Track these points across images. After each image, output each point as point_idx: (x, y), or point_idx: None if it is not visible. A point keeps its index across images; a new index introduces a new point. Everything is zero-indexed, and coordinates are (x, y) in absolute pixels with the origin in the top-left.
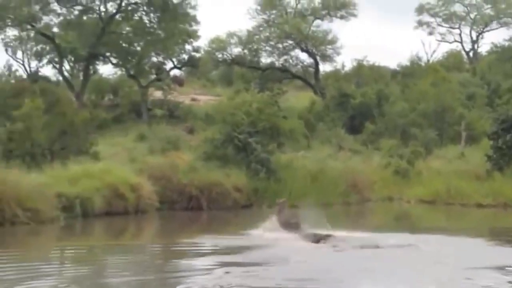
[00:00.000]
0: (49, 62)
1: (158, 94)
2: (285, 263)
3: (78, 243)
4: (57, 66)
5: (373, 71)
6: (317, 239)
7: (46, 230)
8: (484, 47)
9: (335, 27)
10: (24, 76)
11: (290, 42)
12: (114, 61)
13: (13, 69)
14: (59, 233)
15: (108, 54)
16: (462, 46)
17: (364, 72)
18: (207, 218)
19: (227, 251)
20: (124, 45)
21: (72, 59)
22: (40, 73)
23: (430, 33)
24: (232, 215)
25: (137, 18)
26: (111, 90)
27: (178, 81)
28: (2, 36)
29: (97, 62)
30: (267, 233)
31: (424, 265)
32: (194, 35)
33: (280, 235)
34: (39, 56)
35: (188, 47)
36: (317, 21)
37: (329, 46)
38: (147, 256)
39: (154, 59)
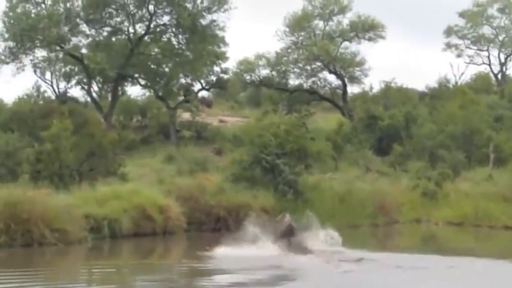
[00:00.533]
0: (78, 83)
1: (186, 115)
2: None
3: (105, 263)
4: (86, 87)
5: (401, 93)
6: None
7: (74, 251)
8: None
9: (363, 48)
10: (53, 97)
11: (318, 64)
12: (143, 82)
13: (42, 90)
14: (86, 253)
15: (136, 75)
16: (491, 68)
17: (392, 94)
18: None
19: (245, 271)
20: (152, 66)
21: (101, 80)
22: (68, 94)
23: (459, 55)
24: None
25: (165, 39)
26: (139, 111)
27: (206, 102)
28: (31, 57)
29: (126, 83)
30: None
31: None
32: (222, 57)
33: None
34: (67, 77)
35: (216, 68)
36: (345, 43)
37: (357, 68)
38: (174, 275)
39: (183, 80)
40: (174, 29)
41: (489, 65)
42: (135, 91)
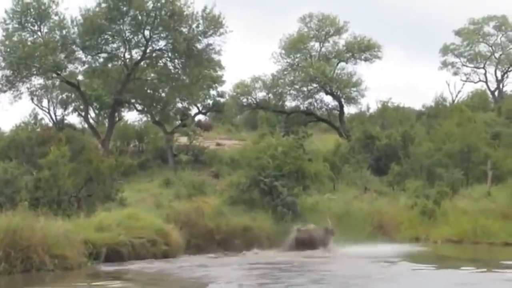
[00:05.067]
0: (75, 110)
1: (183, 139)
2: None
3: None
4: (83, 113)
5: (398, 113)
6: None
7: (73, 276)
8: (509, 86)
9: (360, 69)
10: (50, 124)
11: (315, 85)
12: (139, 107)
13: (39, 117)
14: (85, 279)
15: (133, 100)
16: (487, 85)
17: (389, 114)
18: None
19: None
20: (149, 91)
21: (98, 106)
22: (65, 121)
23: (455, 73)
24: None
25: (161, 64)
26: (137, 136)
27: (205, 126)
28: (28, 85)
29: (122, 109)
30: None
31: None
32: (218, 80)
33: None
34: (64, 104)
35: (213, 92)
36: (342, 64)
37: (354, 89)
38: None
39: (179, 105)
40: (170, 54)
41: (486, 82)
42: (132, 116)
